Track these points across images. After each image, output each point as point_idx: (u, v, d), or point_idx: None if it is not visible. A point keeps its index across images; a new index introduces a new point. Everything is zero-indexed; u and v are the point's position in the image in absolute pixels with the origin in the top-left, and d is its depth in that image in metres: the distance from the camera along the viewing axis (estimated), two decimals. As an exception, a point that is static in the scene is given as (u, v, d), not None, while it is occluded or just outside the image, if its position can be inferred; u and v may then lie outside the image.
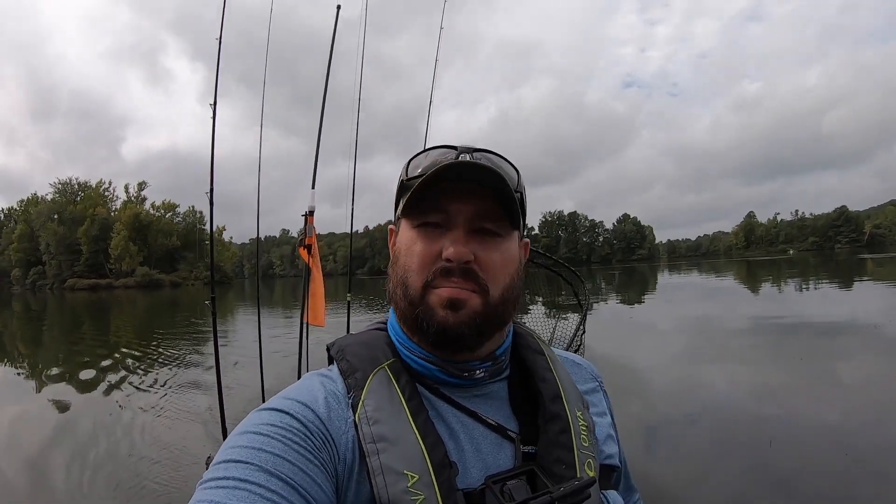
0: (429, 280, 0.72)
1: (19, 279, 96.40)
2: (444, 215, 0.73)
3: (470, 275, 0.71)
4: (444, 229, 0.73)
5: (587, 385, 0.89)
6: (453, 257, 0.70)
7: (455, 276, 0.71)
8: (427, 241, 0.73)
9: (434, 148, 0.78)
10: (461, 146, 0.77)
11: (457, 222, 0.72)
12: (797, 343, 9.31)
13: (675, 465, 4.39)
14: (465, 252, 0.70)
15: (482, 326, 0.72)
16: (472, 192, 0.72)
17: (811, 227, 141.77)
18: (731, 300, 18.58)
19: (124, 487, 4.37)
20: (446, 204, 0.72)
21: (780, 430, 4.92)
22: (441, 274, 0.71)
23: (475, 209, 0.73)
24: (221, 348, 4.86)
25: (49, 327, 21.36)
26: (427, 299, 0.72)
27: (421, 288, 0.72)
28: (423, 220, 0.74)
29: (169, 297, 39.73)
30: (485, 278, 0.72)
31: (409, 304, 0.73)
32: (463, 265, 0.71)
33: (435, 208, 0.73)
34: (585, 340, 4.51)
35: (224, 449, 0.62)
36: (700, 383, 7.01)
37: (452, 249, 0.70)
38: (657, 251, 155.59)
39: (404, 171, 0.79)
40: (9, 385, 9.25)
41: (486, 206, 0.73)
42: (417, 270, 0.73)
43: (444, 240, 0.72)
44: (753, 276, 33.95)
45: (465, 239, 0.72)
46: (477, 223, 0.73)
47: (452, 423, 0.73)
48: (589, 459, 0.74)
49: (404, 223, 0.78)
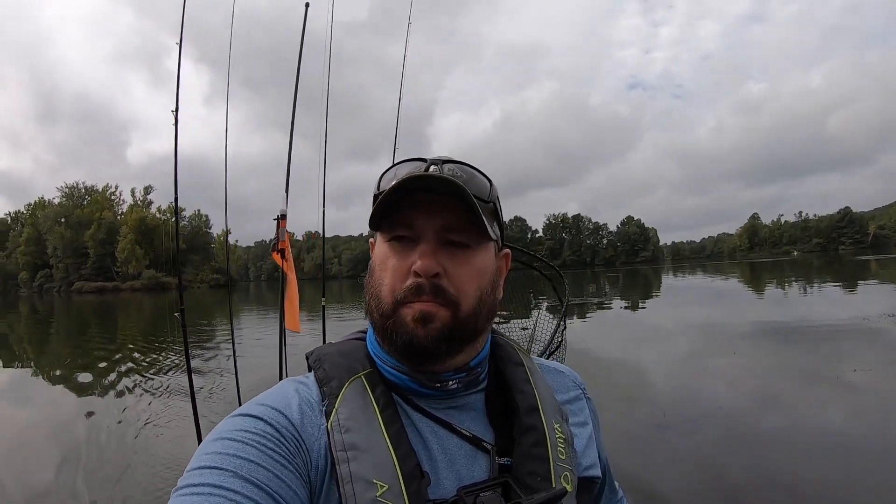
0: (399, 298, 0.72)
1: (26, 282, 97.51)
2: (411, 229, 0.73)
3: (439, 290, 0.71)
4: (414, 243, 0.73)
5: (570, 394, 0.89)
6: (421, 270, 0.70)
7: (425, 294, 0.71)
8: (398, 256, 0.74)
9: (406, 161, 0.78)
10: (431, 158, 0.77)
11: (426, 235, 0.73)
12: (800, 347, 9.36)
13: (678, 470, 4.40)
14: (432, 265, 0.71)
15: (451, 339, 0.72)
16: (442, 205, 0.72)
17: (815, 228, 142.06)
18: (735, 303, 18.63)
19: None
20: (414, 217, 0.72)
21: (783, 435, 4.96)
22: (412, 292, 0.71)
23: (443, 222, 0.73)
24: (237, 347, 5.01)
25: (56, 330, 21.69)
26: (398, 312, 0.72)
27: (392, 303, 0.73)
28: (393, 233, 0.74)
29: (175, 299, 39.79)
30: (454, 292, 0.72)
31: (381, 316, 0.74)
32: (432, 279, 0.71)
33: (404, 222, 0.73)
34: (567, 336, 4.53)
35: (198, 455, 0.62)
36: (703, 387, 7.04)
37: (420, 263, 0.71)
38: (661, 253, 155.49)
39: (377, 185, 0.79)
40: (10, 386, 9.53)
41: (455, 218, 0.72)
42: (389, 285, 0.73)
43: (414, 253, 0.72)
44: (757, 278, 33.98)
45: (434, 252, 0.72)
46: (445, 236, 0.73)
47: (426, 433, 0.73)
48: (566, 472, 0.74)
49: (379, 237, 0.79)
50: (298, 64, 4.62)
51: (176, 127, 4.11)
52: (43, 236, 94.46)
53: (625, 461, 4.37)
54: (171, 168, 4.18)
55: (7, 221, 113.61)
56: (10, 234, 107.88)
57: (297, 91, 4.64)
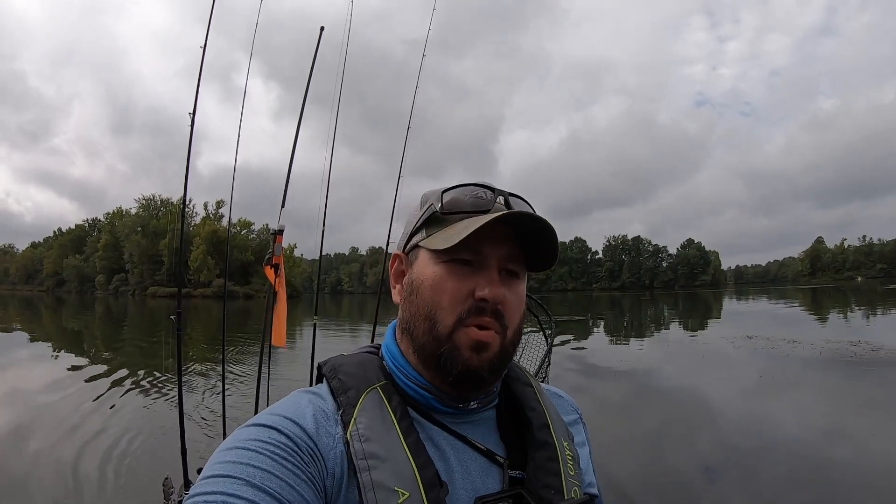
0: (462, 317, 0.73)
1: (103, 284, 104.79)
2: (477, 255, 0.74)
3: (497, 315, 0.74)
4: (474, 268, 0.74)
5: (569, 417, 0.92)
6: (490, 297, 0.72)
7: (487, 315, 0.73)
8: (458, 279, 0.74)
9: (471, 185, 0.80)
10: (497, 188, 0.79)
11: (490, 263, 0.74)
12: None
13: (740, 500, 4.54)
14: (502, 293, 0.74)
15: (498, 367, 0.76)
16: (506, 235, 0.75)
17: (879, 253, 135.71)
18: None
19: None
20: (479, 244, 0.73)
21: (848, 471, 5.06)
22: (474, 312, 0.73)
23: (507, 252, 0.76)
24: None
25: (130, 328, 24.15)
26: (454, 338, 0.73)
27: (452, 325, 0.73)
28: (453, 255, 0.74)
29: (242, 308, 42.40)
30: (507, 319, 0.75)
31: (434, 340, 0.74)
32: (494, 306, 0.73)
33: (468, 247, 0.73)
34: (550, 372, 4.60)
35: (211, 464, 0.63)
36: (767, 419, 7.04)
37: (488, 290, 0.72)
38: (722, 277, 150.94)
39: (437, 202, 0.79)
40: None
41: (514, 249, 0.76)
42: (449, 307, 0.74)
43: (475, 278, 0.74)
44: (821, 305, 33.51)
45: (500, 280, 0.75)
46: (506, 265, 0.76)
47: (443, 445, 0.75)
48: (575, 487, 0.77)
49: (427, 255, 0.78)
50: (308, 81, 4.55)
51: (191, 133, 4.09)
52: (120, 243, 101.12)
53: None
54: (240, 181, 4.46)
55: (85, 227, 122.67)
56: (88, 239, 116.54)
57: (304, 107, 4.61)
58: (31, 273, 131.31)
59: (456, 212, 0.78)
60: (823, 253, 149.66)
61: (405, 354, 0.81)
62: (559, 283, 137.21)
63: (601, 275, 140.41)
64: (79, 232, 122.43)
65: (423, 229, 0.81)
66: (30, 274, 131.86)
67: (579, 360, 12.43)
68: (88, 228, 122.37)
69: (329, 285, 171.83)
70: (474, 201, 0.78)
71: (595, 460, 0.94)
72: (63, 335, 21.81)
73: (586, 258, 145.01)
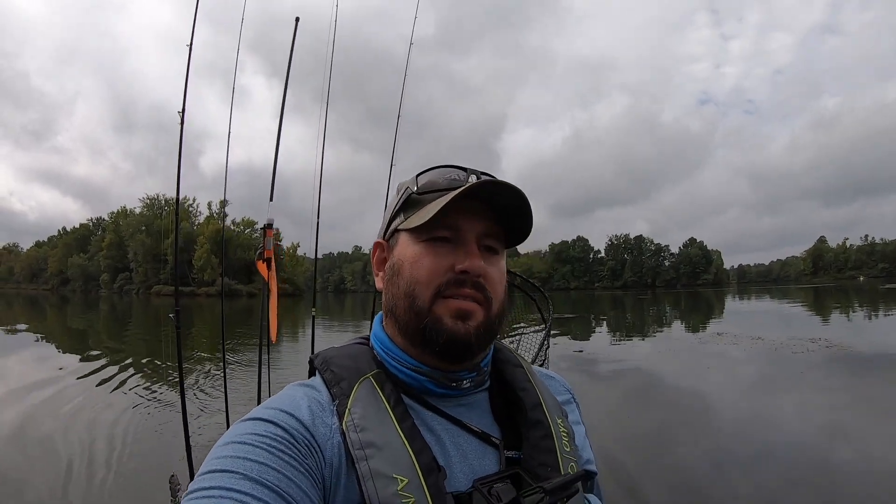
0: (441, 289, 0.75)
1: (107, 283, 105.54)
2: (455, 231, 0.76)
3: (479, 287, 0.75)
4: (452, 244, 0.76)
5: (562, 397, 0.93)
6: (471, 269, 0.74)
7: (467, 287, 0.75)
8: (437, 255, 0.76)
9: (443, 167, 0.82)
10: (471, 168, 0.81)
11: (469, 238, 0.76)
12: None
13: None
14: (481, 266, 0.75)
15: (484, 337, 0.77)
16: (482, 212, 0.77)
17: (881, 252, 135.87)
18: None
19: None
20: (460, 221, 0.76)
21: (850, 471, 5.10)
22: (453, 284, 0.75)
23: (484, 227, 0.77)
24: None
25: (134, 326, 24.18)
26: (435, 310, 0.75)
27: (430, 298, 0.75)
28: (431, 234, 0.76)
29: (245, 305, 42.60)
30: (490, 292, 0.77)
31: (416, 315, 0.76)
32: (475, 278, 0.75)
33: (448, 224, 0.75)
34: (549, 355, 4.64)
35: (209, 460, 0.63)
36: (769, 419, 7.11)
37: (469, 263, 0.74)
38: (725, 276, 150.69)
39: (413, 184, 0.82)
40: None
41: (491, 225, 0.78)
42: (426, 282, 0.75)
43: (454, 254, 0.76)
44: (825, 306, 33.30)
45: (478, 254, 0.76)
46: (484, 240, 0.78)
47: (438, 430, 0.76)
48: (571, 463, 0.78)
49: (407, 237, 0.80)
50: (287, 74, 4.55)
51: (181, 132, 4.03)
52: (124, 242, 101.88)
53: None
54: (243, 180, 4.82)
55: (89, 227, 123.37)
56: (92, 238, 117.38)
57: (284, 103, 4.63)
58: (36, 272, 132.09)
59: (431, 191, 0.80)
60: (825, 252, 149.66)
61: (393, 338, 0.82)
62: (562, 281, 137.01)
63: (603, 274, 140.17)
64: (83, 231, 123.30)
65: (401, 213, 0.83)
66: (34, 273, 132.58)
67: (580, 360, 12.54)
68: (93, 228, 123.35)
69: (332, 284, 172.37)
70: (448, 182, 0.79)
71: (595, 451, 0.93)
72: (68, 333, 21.95)
73: (588, 257, 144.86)
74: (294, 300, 62.38)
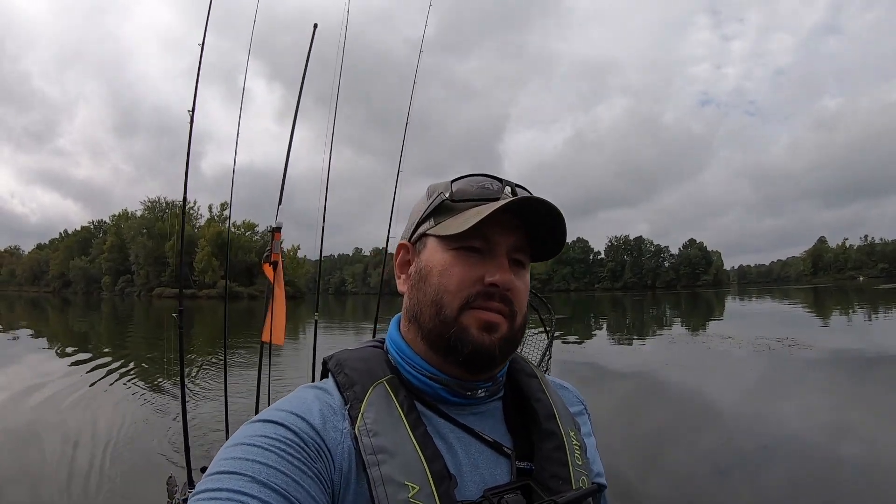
0: (469, 300, 0.75)
1: (109, 286, 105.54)
2: (487, 242, 0.76)
3: (506, 301, 0.76)
4: (482, 255, 0.76)
5: (574, 408, 0.92)
6: (501, 283, 0.74)
7: (495, 300, 0.75)
8: (467, 265, 0.76)
9: (479, 175, 0.82)
10: (505, 179, 0.81)
11: (500, 251, 0.76)
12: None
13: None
14: (511, 279, 0.76)
15: (507, 349, 0.77)
16: (515, 225, 0.77)
17: (881, 253, 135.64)
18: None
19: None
20: (489, 232, 0.75)
21: (855, 470, 5.12)
22: (482, 296, 0.75)
23: (515, 240, 0.77)
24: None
25: (136, 328, 24.36)
26: (462, 320, 0.75)
27: (458, 308, 0.75)
28: (462, 243, 0.76)
29: (246, 308, 42.67)
30: (516, 305, 0.77)
31: (442, 323, 0.75)
32: (504, 292, 0.75)
33: (481, 235, 0.75)
34: (551, 365, 4.70)
35: (217, 461, 0.63)
36: (772, 420, 7.11)
37: (499, 276, 0.74)
38: (725, 277, 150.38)
39: (446, 190, 0.81)
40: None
41: (521, 239, 0.78)
42: (455, 291, 0.75)
43: (484, 265, 0.75)
44: (824, 306, 33.62)
45: (508, 267, 0.76)
46: (513, 254, 0.78)
47: (450, 438, 0.75)
48: (583, 476, 0.77)
49: (436, 243, 0.80)
50: (302, 79, 4.55)
51: (191, 130, 4.06)
52: (126, 244, 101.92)
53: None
54: (244, 181, 4.43)
55: (90, 229, 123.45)
56: (94, 241, 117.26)
57: (298, 110, 4.63)
58: (38, 274, 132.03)
59: (465, 199, 0.79)
60: (825, 253, 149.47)
61: (412, 344, 0.81)
62: (561, 283, 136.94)
63: (603, 275, 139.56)
64: (84, 234, 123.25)
65: (431, 218, 0.82)
66: (36, 275, 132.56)
67: (580, 360, 12.60)
68: (94, 230, 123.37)
69: (333, 286, 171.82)
70: (482, 190, 0.79)
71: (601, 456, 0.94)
72: (70, 335, 22.00)
73: (588, 258, 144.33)
74: (295, 302, 62.52)
